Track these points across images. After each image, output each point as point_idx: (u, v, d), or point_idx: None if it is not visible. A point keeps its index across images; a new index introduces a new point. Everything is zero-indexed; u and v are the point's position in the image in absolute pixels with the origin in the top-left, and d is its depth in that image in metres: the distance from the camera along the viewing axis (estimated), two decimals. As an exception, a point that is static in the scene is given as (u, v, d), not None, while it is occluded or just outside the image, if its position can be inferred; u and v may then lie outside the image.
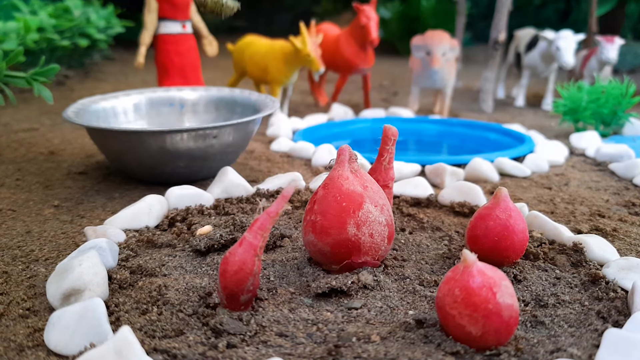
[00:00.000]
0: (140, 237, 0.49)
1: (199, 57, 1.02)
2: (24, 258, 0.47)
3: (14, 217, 0.57)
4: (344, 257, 0.40)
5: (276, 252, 0.46)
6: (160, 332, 0.34)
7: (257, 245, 0.35)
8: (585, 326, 0.35)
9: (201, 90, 0.84)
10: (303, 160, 0.80)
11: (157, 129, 0.61)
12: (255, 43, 1.09)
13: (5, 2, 1.38)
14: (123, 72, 1.81)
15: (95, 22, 1.56)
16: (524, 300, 0.38)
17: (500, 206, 0.42)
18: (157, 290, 0.39)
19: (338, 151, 0.42)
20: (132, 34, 1.81)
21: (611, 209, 0.60)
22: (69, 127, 1.01)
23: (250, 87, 1.30)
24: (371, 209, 0.39)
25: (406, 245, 0.48)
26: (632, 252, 0.48)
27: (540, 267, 0.43)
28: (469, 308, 0.31)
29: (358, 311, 0.37)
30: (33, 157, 0.80)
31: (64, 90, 1.43)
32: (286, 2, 3.57)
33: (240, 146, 0.70)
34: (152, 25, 0.96)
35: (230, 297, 0.36)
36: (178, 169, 0.65)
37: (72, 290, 0.37)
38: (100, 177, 0.71)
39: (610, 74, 1.33)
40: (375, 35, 1.05)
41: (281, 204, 0.35)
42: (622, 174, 0.73)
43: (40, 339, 0.34)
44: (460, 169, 0.71)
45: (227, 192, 0.60)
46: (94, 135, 0.67)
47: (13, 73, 0.71)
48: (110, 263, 0.43)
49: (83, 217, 0.57)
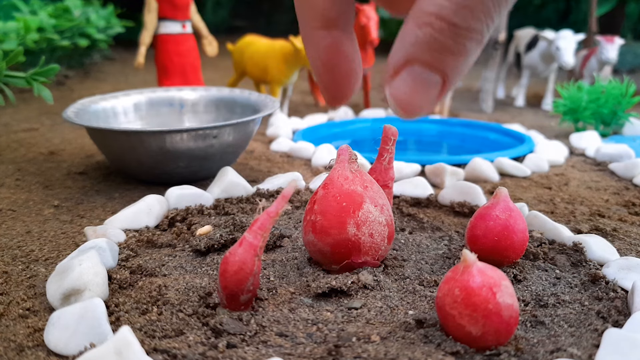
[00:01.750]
0: (140, 237, 0.49)
1: (199, 57, 1.02)
2: (24, 258, 0.47)
3: (14, 217, 0.57)
4: (344, 257, 0.40)
5: (276, 252, 0.46)
6: (160, 332, 0.34)
7: (257, 245, 0.35)
8: (585, 326, 0.35)
9: (201, 90, 0.84)
10: (303, 160, 0.80)
11: (157, 129, 0.61)
12: (255, 43, 1.09)
13: (5, 2, 1.38)
14: (123, 72, 1.81)
15: (95, 22, 1.56)
16: (524, 300, 0.38)
17: (500, 206, 0.42)
18: (157, 290, 0.39)
19: (338, 151, 0.42)
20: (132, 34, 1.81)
21: (611, 208, 0.60)
22: (69, 127, 1.01)
23: (250, 87, 1.30)
24: (371, 209, 0.39)
25: (406, 245, 0.48)
26: (632, 252, 0.48)
27: (540, 267, 0.43)
28: (469, 308, 0.31)
29: (358, 311, 0.37)
30: (33, 157, 0.80)
31: (64, 90, 1.43)
32: (286, 2, 3.57)
33: (240, 146, 0.70)
34: (152, 25, 0.97)
35: (230, 297, 0.36)
36: (178, 169, 0.65)
37: (72, 290, 0.37)
38: (100, 177, 0.71)
39: (610, 74, 1.33)
40: (375, 35, 1.05)
41: (281, 204, 0.35)
42: (622, 174, 0.73)
43: (40, 339, 0.34)
44: (460, 169, 0.71)
45: (227, 192, 0.60)
46: (94, 135, 0.67)
47: (13, 73, 0.71)
48: (110, 263, 0.43)
49: (83, 217, 0.57)
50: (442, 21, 0.33)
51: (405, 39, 0.35)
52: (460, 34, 0.34)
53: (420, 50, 0.35)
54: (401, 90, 0.39)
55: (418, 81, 0.37)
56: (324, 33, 0.42)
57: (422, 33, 0.32)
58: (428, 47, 0.33)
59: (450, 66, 0.37)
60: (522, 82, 1.37)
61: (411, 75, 0.37)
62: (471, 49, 0.35)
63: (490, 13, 0.34)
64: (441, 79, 0.37)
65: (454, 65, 0.37)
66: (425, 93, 0.38)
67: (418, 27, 0.33)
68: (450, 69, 0.37)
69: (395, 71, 0.38)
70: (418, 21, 0.33)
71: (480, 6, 0.33)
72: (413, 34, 0.33)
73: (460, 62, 0.36)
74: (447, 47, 0.34)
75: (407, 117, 0.43)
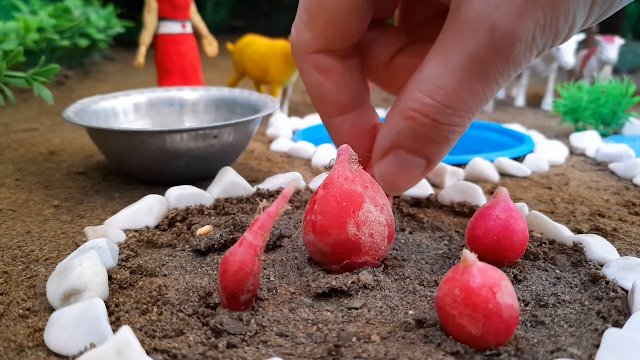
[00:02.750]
0: (140, 237, 0.49)
1: (199, 57, 1.02)
2: (24, 258, 0.47)
3: (14, 217, 0.57)
4: (344, 257, 0.40)
5: (276, 252, 0.46)
6: (161, 332, 0.34)
7: (257, 245, 0.35)
8: (585, 326, 0.35)
9: (201, 90, 0.84)
10: (303, 160, 0.80)
11: (157, 129, 0.61)
12: (255, 43, 1.09)
13: (5, 2, 1.38)
14: (123, 72, 1.81)
15: (95, 22, 1.56)
16: (524, 300, 0.38)
17: (500, 206, 0.42)
18: (157, 290, 0.39)
19: (338, 151, 0.42)
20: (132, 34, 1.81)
21: (611, 208, 0.60)
22: (69, 127, 1.01)
23: (250, 87, 1.30)
24: (371, 209, 0.39)
25: (406, 245, 0.48)
26: (632, 252, 0.48)
27: (540, 266, 0.43)
28: (469, 308, 0.31)
29: (358, 311, 0.37)
30: (33, 157, 0.80)
31: (64, 90, 1.43)
32: (286, 2, 3.57)
33: (240, 146, 0.70)
34: (152, 25, 0.97)
35: (230, 297, 0.36)
36: (178, 169, 0.65)
37: (72, 290, 0.37)
38: (100, 177, 0.71)
39: (610, 73, 1.33)
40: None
41: (281, 204, 0.35)
42: (622, 174, 0.73)
43: (40, 339, 0.34)
44: (460, 169, 0.71)
45: (227, 192, 0.60)
46: (94, 135, 0.67)
47: (13, 73, 0.71)
48: (110, 263, 0.43)
49: (83, 217, 0.57)
50: (425, 117, 0.33)
51: (391, 127, 0.36)
52: (443, 129, 0.34)
53: (405, 139, 0.35)
54: (388, 171, 0.38)
55: (403, 164, 0.37)
56: (341, 119, 0.42)
57: (407, 125, 0.34)
58: (412, 137, 0.35)
59: (433, 152, 0.37)
60: (522, 82, 1.37)
61: (397, 159, 0.37)
62: (453, 138, 0.36)
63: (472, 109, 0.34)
64: (425, 161, 0.37)
65: (437, 151, 0.37)
66: (409, 174, 0.38)
67: (402, 119, 0.34)
68: (433, 154, 0.37)
69: (382, 154, 0.38)
70: (403, 114, 0.34)
71: (461, 105, 0.33)
72: (398, 124, 0.35)
73: (443, 149, 0.37)
74: (430, 138, 0.35)
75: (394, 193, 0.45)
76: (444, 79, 0.31)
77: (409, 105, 0.33)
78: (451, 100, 0.32)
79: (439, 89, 0.31)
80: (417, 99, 0.32)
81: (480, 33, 0.30)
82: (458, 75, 0.31)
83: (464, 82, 0.31)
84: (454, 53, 0.31)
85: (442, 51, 0.31)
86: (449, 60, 0.31)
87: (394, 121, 0.35)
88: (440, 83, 0.31)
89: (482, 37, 0.30)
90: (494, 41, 0.30)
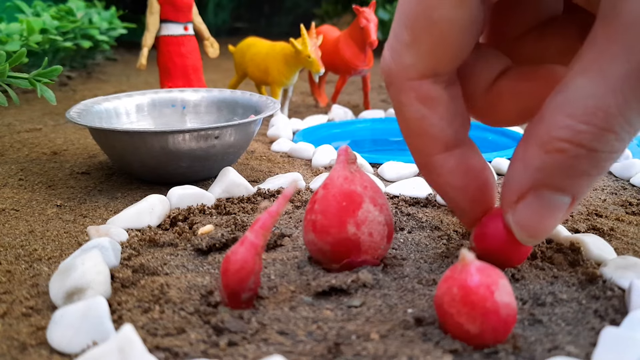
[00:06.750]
0: (142, 237, 0.49)
1: (201, 58, 1.02)
2: (27, 257, 0.48)
3: (17, 216, 0.58)
4: (344, 256, 0.40)
5: (277, 251, 0.47)
6: (162, 330, 0.35)
7: (258, 244, 0.36)
8: (582, 324, 0.36)
9: (203, 91, 0.85)
10: (303, 161, 0.81)
11: (160, 129, 0.62)
12: (256, 45, 1.10)
13: (8, 3, 1.39)
14: (125, 73, 1.82)
15: (97, 23, 1.57)
16: (521, 298, 0.39)
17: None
18: (159, 289, 0.40)
19: (338, 151, 0.42)
20: (135, 35, 1.82)
21: (608, 208, 0.60)
22: (72, 127, 1.02)
23: (251, 88, 1.31)
24: (370, 209, 0.40)
25: (405, 244, 0.48)
26: (629, 251, 0.49)
27: (538, 266, 0.44)
28: (467, 306, 0.31)
29: (358, 309, 0.37)
30: (36, 157, 0.81)
31: (67, 91, 1.43)
32: (286, 4, 3.57)
33: (242, 147, 0.70)
34: (154, 27, 0.97)
35: (231, 295, 0.36)
36: (180, 169, 0.65)
37: (74, 289, 0.38)
38: (103, 177, 0.71)
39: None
40: (375, 37, 1.05)
41: (282, 204, 0.36)
42: (619, 174, 0.73)
43: (43, 337, 0.35)
44: (460, 170, 0.71)
45: (228, 192, 0.61)
46: (97, 135, 0.67)
47: (16, 74, 0.71)
48: (113, 262, 0.44)
49: (86, 216, 0.58)
50: (579, 147, 0.27)
51: (530, 163, 0.30)
52: (600, 158, 0.28)
53: (550, 176, 0.30)
54: (530, 217, 0.33)
55: (546, 206, 0.31)
56: (445, 156, 0.36)
57: (552, 159, 0.28)
58: (560, 172, 0.29)
59: (582, 186, 0.31)
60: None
61: (540, 201, 0.31)
62: (608, 167, 0.29)
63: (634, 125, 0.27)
64: (571, 198, 0.31)
65: (587, 184, 0.31)
66: (552, 216, 0.32)
67: (545, 152, 0.29)
68: (581, 188, 0.31)
69: (519, 197, 0.32)
70: (546, 146, 0.28)
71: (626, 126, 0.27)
72: (539, 159, 0.29)
73: (594, 181, 0.30)
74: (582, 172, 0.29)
75: (533, 243, 0.36)
76: (603, 98, 0.26)
77: (556, 134, 0.28)
78: (614, 122, 0.26)
79: (598, 111, 0.26)
80: (566, 126, 0.27)
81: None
82: (624, 90, 0.25)
83: (631, 98, 0.25)
84: (615, 63, 0.25)
85: (594, 63, 0.26)
86: (607, 73, 0.25)
87: (532, 156, 0.30)
88: (597, 103, 0.26)
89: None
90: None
